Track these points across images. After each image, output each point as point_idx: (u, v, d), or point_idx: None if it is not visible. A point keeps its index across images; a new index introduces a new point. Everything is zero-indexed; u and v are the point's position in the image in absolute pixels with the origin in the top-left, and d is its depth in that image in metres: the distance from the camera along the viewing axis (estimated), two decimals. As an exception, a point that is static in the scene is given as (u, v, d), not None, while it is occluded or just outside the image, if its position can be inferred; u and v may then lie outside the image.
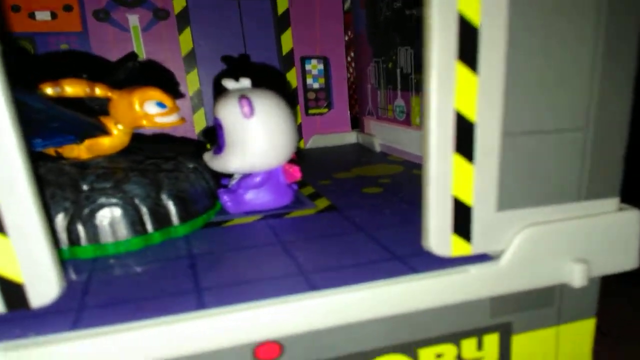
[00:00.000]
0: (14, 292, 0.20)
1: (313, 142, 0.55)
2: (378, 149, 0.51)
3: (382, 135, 0.50)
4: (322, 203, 0.34)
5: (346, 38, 0.55)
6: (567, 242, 0.23)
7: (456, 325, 0.24)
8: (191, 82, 0.49)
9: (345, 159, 0.49)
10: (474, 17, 0.19)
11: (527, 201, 0.22)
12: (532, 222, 0.22)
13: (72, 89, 0.28)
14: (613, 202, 0.23)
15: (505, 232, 0.23)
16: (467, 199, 0.22)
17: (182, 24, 0.48)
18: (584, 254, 0.23)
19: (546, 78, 0.21)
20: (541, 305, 0.25)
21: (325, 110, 0.55)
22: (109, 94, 0.29)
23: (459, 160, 0.21)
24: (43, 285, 0.20)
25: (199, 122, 0.50)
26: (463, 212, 0.22)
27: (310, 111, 0.54)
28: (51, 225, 0.26)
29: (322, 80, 0.54)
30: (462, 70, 0.20)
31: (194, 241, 0.29)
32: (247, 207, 0.33)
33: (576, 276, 0.23)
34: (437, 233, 0.22)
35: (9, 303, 0.20)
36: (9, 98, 0.18)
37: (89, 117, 0.28)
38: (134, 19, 0.46)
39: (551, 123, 0.21)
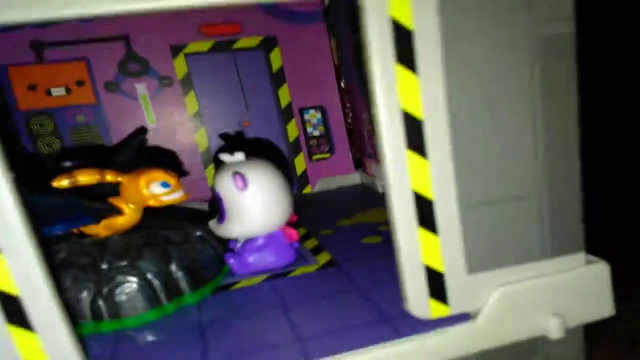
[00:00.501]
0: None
1: (320, 185, 0.57)
2: (380, 189, 0.53)
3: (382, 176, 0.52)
4: (324, 258, 0.37)
5: (341, 85, 0.57)
6: (539, 298, 0.24)
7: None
8: (201, 140, 0.52)
9: (349, 202, 0.51)
10: (417, 113, 0.21)
11: (495, 263, 0.24)
12: (504, 281, 0.24)
13: (84, 178, 0.31)
14: (580, 257, 0.25)
15: (479, 292, 0.24)
16: (438, 265, 0.23)
17: (186, 88, 0.51)
18: (558, 308, 0.25)
19: (492, 155, 0.23)
20: (527, 356, 0.26)
21: (328, 155, 0.57)
22: (118, 178, 0.32)
23: (424, 232, 0.23)
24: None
25: (210, 176, 0.53)
26: (436, 277, 0.24)
27: (314, 157, 0.57)
28: (76, 303, 0.29)
29: (321, 128, 0.56)
30: (413, 156, 0.22)
31: (205, 307, 0.31)
32: (252, 268, 0.35)
33: (552, 329, 0.24)
34: (415, 298, 0.24)
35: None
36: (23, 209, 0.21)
37: (101, 203, 0.31)
38: (141, 88, 0.50)
39: (503, 193, 0.23)
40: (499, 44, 0.21)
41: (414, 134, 0.21)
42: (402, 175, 0.22)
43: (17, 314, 0.21)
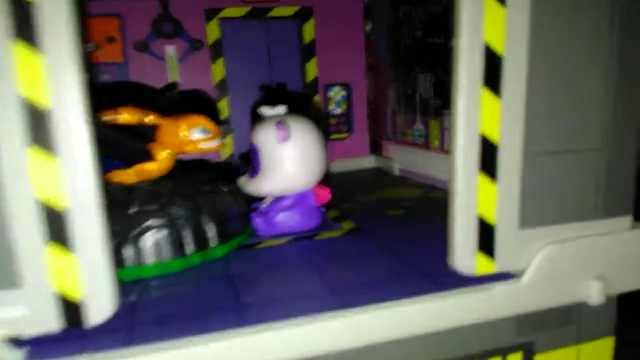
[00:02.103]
0: (74, 309, 0.21)
1: (334, 166, 0.57)
2: (397, 172, 0.53)
3: (401, 158, 0.52)
4: (348, 225, 0.36)
5: (367, 63, 0.57)
6: (585, 259, 0.24)
7: (482, 344, 0.26)
8: (222, 109, 0.52)
9: (367, 182, 0.51)
10: (499, 47, 0.22)
11: (547, 219, 0.24)
12: (552, 239, 0.24)
13: (127, 116, 0.31)
14: (627, 220, 0.25)
15: (527, 249, 0.24)
16: (491, 217, 0.23)
17: (215, 54, 0.51)
18: (602, 272, 0.25)
19: (563, 103, 0.23)
20: (562, 324, 0.26)
21: (346, 134, 0.57)
22: (159, 121, 0.32)
23: (484, 179, 0.23)
24: (101, 303, 0.22)
25: (228, 147, 0.53)
26: (487, 230, 0.24)
27: (332, 136, 0.57)
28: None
29: (344, 106, 0.56)
30: (487, 95, 0.22)
31: (231, 262, 0.31)
32: (278, 229, 0.35)
33: (594, 294, 0.24)
34: (463, 251, 0.24)
35: (69, 320, 0.21)
36: (93, 131, 0.21)
37: (140, 143, 0.31)
38: (171, 50, 0.50)
39: (569, 144, 0.24)
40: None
41: (492, 70, 0.21)
42: (471, 114, 0.22)
43: (61, 232, 0.21)
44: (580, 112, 0.23)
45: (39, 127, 0.20)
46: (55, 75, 0.19)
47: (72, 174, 0.20)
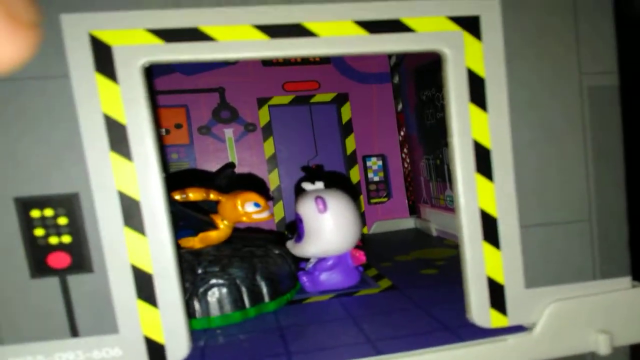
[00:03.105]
0: (157, 351, 0.27)
1: (375, 227, 0.62)
2: (434, 233, 0.57)
3: (437, 220, 0.56)
4: (385, 283, 0.40)
5: (400, 137, 0.63)
6: (589, 315, 0.27)
7: (502, 389, 0.28)
8: (272, 180, 0.59)
9: (405, 243, 0.55)
10: (486, 142, 0.26)
11: (550, 280, 0.27)
12: (558, 297, 0.27)
13: (194, 195, 0.38)
14: (626, 281, 0.28)
15: (535, 306, 0.28)
16: (499, 278, 0.27)
17: (266, 134, 0.59)
18: (606, 326, 0.27)
19: (549, 182, 0.27)
20: (577, 372, 0.28)
21: (385, 199, 0.62)
22: (219, 197, 0.38)
23: (488, 247, 0.27)
24: (178, 346, 0.27)
25: (278, 213, 0.59)
26: (497, 289, 0.27)
27: (372, 200, 0.62)
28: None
29: (381, 174, 0.62)
30: (480, 179, 0.27)
31: (281, 315, 0.35)
32: (322, 286, 0.39)
33: (601, 345, 0.27)
34: (477, 307, 0.28)
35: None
36: (168, 206, 0.27)
37: (204, 216, 0.37)
38: (229, 132, 0.58)
39: (558, 216, 0.27)
40: (554, 88, 0.26)
41: (483, 161, 0.26)
42: (471, 194, 0.26)
43: (147, 290, 0.27)
44: (564, 190, 0.27)
45: (132, 213, 0.26)
46: (142, 176, 0.26)
47: (156, 248, 0.27)
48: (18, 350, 0.26)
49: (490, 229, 0.27)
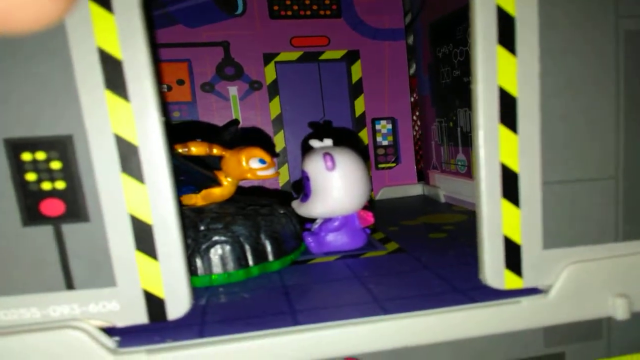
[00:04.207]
0: (157, 306, 0.26)
1: (382, 194, 0.60)
2: (443, 199, 0.55)
3: (446, 186, 0.55)
4: (392, 246, 0.39)
5: (412, 99, 0.61)
6: (608, 278, 0.26)
7: (514, 353, 0.27)
8: (278, 142, 0.57)
9: (412, 208, 0.54)
10: (512, 90, 0.24)
11: (570, 241, 0.26)
12: (576, 259, 0.26)
13: (196, 149, 0.36)
14: (650, 243, 0.26)
15: (552, 268, 0.26)
16: (516, 238, 0.26)
17: (272, 93, 0.57)
18: (625, 290, 0.26)
19: (576, 135, 0.25)
20: (591, 338, 0.27)
21: (394, 164, 0.60)
22: (223, 152, 0.37)
23: (507, 204, 0.25)
24: (178, 301, 0.26)
25: (284, 176, 0.58)
26: (513, 249, 0.26)
27: (380, 166, 0.60)
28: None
29: (390, 138, 0.60)
30: (504, 131, 0.25)
31: (285, 275, 0.34)
32: (327, 248, 0.38)
33: (619, 310, 0.25)
34: (492, 267, 0.26)
35: (152, 315, 0.26)
36: (170, 156, 0.25)
37: (208, 171, 0.36)
38: (233, 90, 0.56)
39: (584, 173, 0.25)
40: (587, 32, 0.24)
41: (508, 110, 0.24)
42: (492, 147, 0.25)
43: (147, 242, 0.25)
44: (592, 144, 0.25)
45: (129, 159, 0.25)
46: (140, 118, 0.24)
47: (155, 196, 0.25)
48: (10, 302, 0.25)
49: (510, 186, 0.25)
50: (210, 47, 0.55)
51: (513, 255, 0.26)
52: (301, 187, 0.39)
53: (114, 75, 0.24)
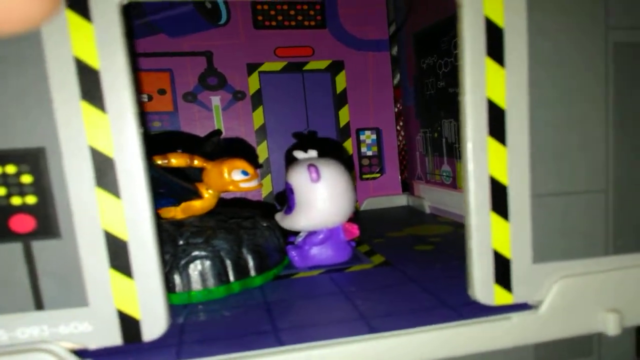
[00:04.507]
0: (132, 326, 0.25)
1: (367, 204, 0.59)
2: (428, 210, 0.55)
3: (431, 197, 0.54)
4: (378, 259, 0.38)
5: (396, 110, 0.61)
6: (599, 293, 0.25)
7: (503, 370, 0.27)
8: (261, 152, 0.56)
9: (397, 219, 0.53)
10: (501, 102, 0.24)
11: (560, 255, 0.26)
12: (566, 274, 0.26)
13: (176, 160, 0.35)
14: (639, 257, 0.26)
15: (542, 282, 0.26)
16: (506, 252, 0.25)
17: (255, 103, 0.56)
18: (616, 305, 0.26)
19: (566, 147, 0.25)
20: (581, 354, 0.27)
21: (378, 175, 0.60)
22: (204, 164, 0.36)
23: (496, 218, 0.25)
24: (154, 321, 0.25)
25: (266, 187, 0.56)
26: (503, 263, 0.25)
27: (364, 176, 0.60)
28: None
29: (375, 149, 0.59)
30: (493, 143, 0.24)
31: (267, 291, 0.33)
32: (312, 262, 0.37)
33: (610, 325, 0.25)
34: (481, 282, 0.25)
35: (126, 336, 0.24)
36: (148, 169, 0.24)
37: (188, 184, 0.35)
38: (216, 100, 0.55)
39: (574, 185, 0.25)
40: (577, 43, 0.24)
41: (496, 122, 0.24)
42: (481, 159, 0.24)
43: (121, 259, 0.24)
44: (582, 157, 0.25)
45: (105, 172, 0.23)
46: (117, 130, 0.23)
47: (131, 212, 0.24)
48: (-25, 324, 0.23)
49: (499, 198, 0.25)
50: (193, 56, 0.54)
51: (502, 270, 0.25)
52: (285, 199, 0.38)
53: (90, 85, 0.23)
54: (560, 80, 0.25)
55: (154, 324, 0.25)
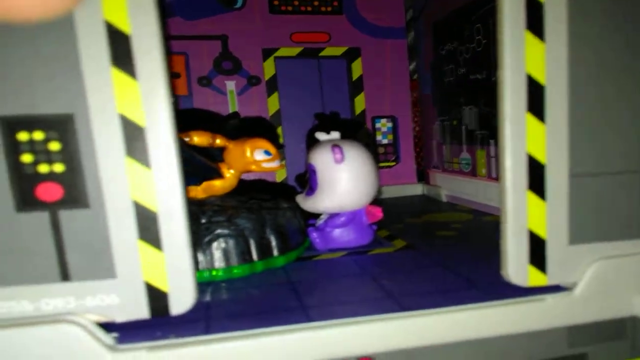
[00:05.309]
0: (159, 299, 0.24)
1: (382, 192, 0.59)
2: (444, 199, 0.54)
3: (448, 186, 0.54)
4: (399, 243, 0.38)
5: (412, 96, 0.60)
6: (635, 276, 0.25)
7: (536, 354, 0.26)
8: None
9: (414, 207, 0.53)
10: (541, 77, 0.24)
11: (597, 236, 0.25)
12: (603, 255, 0.25)
13: (199, 138, 0.34)
14: (679, 240, 0.26)
15: (578, 264, 0.25)
16: (542, 232, 0.25)
17: (271, 89, 0.55)
18: (654, 288, 0.25)
19: (605, 127, 0.24)
20: (615, 338, 0.26)
21: (393, 163, 0.59)
22: (226, 143, 0.35)
23: (532, 197, 0.24)
24: (183, 295, 0.24)
25: (280, 171, 0.56)
26: (538, 244, 0.25)
27: (379, 164, 0.59)
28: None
29: (390, 137, 0.59)
30: (531, 120, 0.24)
31: (291, 271, 0.33)
32: (333, 244, 0.37)
33: (647, 308, 0.25)
34: (515, 263, 0.25)
35: (154, 310, 0.24)
36: (179, 147, 0.24)
37: (211, 162, 0.34)
38: (231, 85, 0.54)
39: (613, 165, 0.25)
40: (617, 19, 0.23)
41: (535, 98, 0.23)
42: (519, 137, 0.23)
43: (151, 231, 0.24)
44: (622, 136, 0.25)
45: (135, 141, 0.23)
46: (148, 98, 0.23)
47: (162, 183, 0.23)
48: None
49: (536, 177, 0.24)
50: (208, 40, 0.53)
51: (538, 251, 0.25)
52: (306, 180, 0.38)
53: (121, 51, 0.22)
54: (601, 56, 0.24)
55: (182, 298, 0.24)
